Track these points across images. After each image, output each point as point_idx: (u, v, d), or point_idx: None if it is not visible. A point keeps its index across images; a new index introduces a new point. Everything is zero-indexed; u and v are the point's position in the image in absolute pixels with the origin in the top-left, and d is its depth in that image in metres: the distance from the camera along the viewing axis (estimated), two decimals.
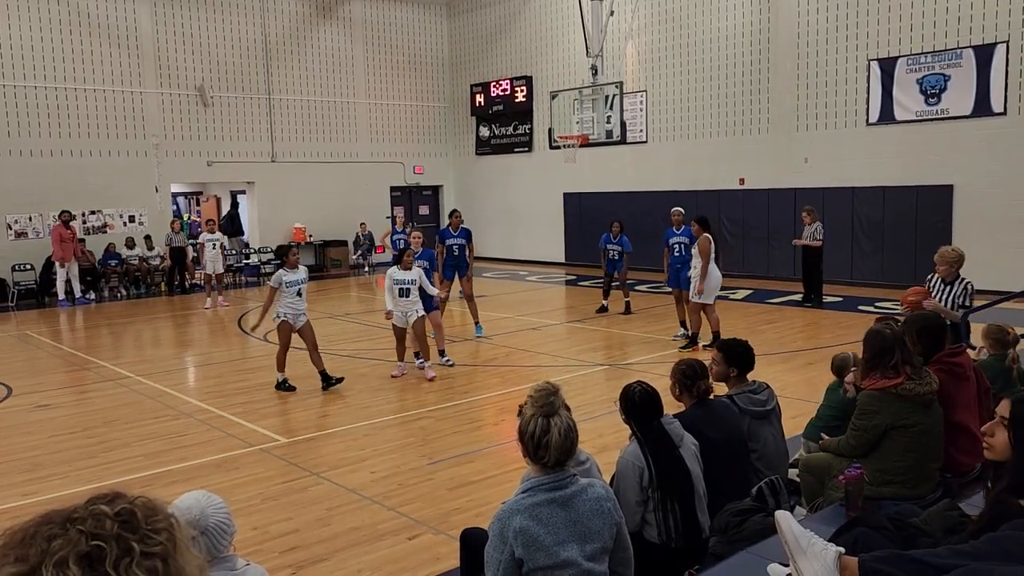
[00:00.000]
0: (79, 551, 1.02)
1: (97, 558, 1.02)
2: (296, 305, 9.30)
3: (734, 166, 18.35)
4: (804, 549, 2.81)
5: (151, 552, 1.06)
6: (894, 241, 16.05)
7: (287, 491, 6.27)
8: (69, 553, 1.01)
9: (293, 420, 8.28)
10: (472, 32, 24.47)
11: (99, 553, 1.02)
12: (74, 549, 1.02)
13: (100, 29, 18.99)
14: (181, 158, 20.24)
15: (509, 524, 2.90)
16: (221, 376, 10.60)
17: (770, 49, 17.59)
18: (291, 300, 9.26)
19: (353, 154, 23.24)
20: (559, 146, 17.85)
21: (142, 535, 1.07)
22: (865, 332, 4.43)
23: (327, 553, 5.13)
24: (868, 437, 4.21)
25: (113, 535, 1.05)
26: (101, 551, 1.03)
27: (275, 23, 21.69)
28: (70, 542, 1.02)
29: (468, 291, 12.54)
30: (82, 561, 1.01)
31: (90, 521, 1.06)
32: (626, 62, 20.18)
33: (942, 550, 2.64)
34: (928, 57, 15.24)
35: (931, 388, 4.16)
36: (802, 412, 7.18)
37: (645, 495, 3.86)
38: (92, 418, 8.48)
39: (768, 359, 9.57)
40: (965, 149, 14.94)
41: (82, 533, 1.04)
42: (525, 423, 3.00)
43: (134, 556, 1.04)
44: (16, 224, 18.09)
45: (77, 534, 1.03)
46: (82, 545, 1.02)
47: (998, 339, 5.61)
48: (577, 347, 11.69)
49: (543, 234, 22.79)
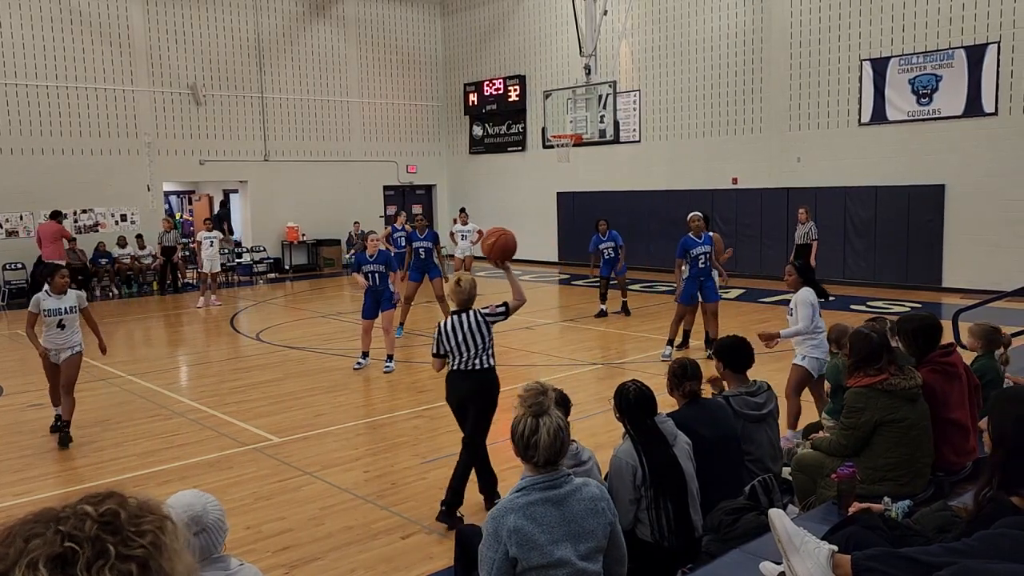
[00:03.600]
0: (51, 552, 1.00)
1: (70, 560, 1.00)
2: (55, 339, 7.38)
3: (727, 165, 18.39)
4: (797, 547, 2.82)
5: (129, 555, 1.03)
6: (886, 241, 16.10)
7: (280, 490, 6.26)
8: (41, 554, 1.00)
9: (286, 419, 8.26)
10: (465, 31, 24.45)
11: (71, 555, 1.00)
12: (47, 550, 1.00)
13: (92, 27, 18.91)
14: (173, 157, 20.17)
15: (503, 523, 2.90)
16: (214, 375, 10.57)
17: (763, 49, 17.62)
18: (50, 333, 7.38)
19: (346, 153, 23.20)
20: (552, 145, 17.86)
21: (123, 537, 1.04)
22: (850, 333, 4.46)
23: (320, 552, 5.12)
24: (858, 435, 4.23)
25: (90, 537, 1.02)
26: (74, 554, 1.01)
27: (268, 21, 21.63)
28: (45, 543, 1.01)
29: (439, 291, 12.57)
30: (52, 563, 0.99)
31: (72, 521, 1.04)
32: (619, 61, 20.20)
33: (935, 547, 2.65)
34: (920, 57, 15.30)
35: (916, 383, 4.20)
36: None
37: (638, 493, 3.87)
38: (84, 417, 8.44)
39: (760, 358, 9.56)
40: (957, 149, 15.00)
41: (59, 534, 1.02)
42: (515, 423, 3.01)
43: (109, 559, 1.02)
44: (7, 223, 18.00)
45: (54, 535, 1.02)
46: (55, 546, 1.01)
47: (989, 338, 5.63)
48: (571, 346, 11.69)
49: (537, 233, 22.76)
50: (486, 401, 5.67)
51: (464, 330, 5.59)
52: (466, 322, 5.60)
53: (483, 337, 5.61)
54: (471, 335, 5.58)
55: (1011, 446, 2.71)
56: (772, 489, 4.35)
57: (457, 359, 5.62)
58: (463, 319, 5.62)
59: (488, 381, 5.66)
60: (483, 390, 5.64)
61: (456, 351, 5.61)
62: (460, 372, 5.64)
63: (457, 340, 5.58)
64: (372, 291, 10.01)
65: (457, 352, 5.61)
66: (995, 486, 2.73)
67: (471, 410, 5.63)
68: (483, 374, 5.63)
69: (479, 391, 5.62)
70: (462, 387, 5.64)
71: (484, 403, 5.65)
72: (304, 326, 13.85)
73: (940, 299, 14.32)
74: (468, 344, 5.58)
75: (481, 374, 5.62)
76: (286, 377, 10.01)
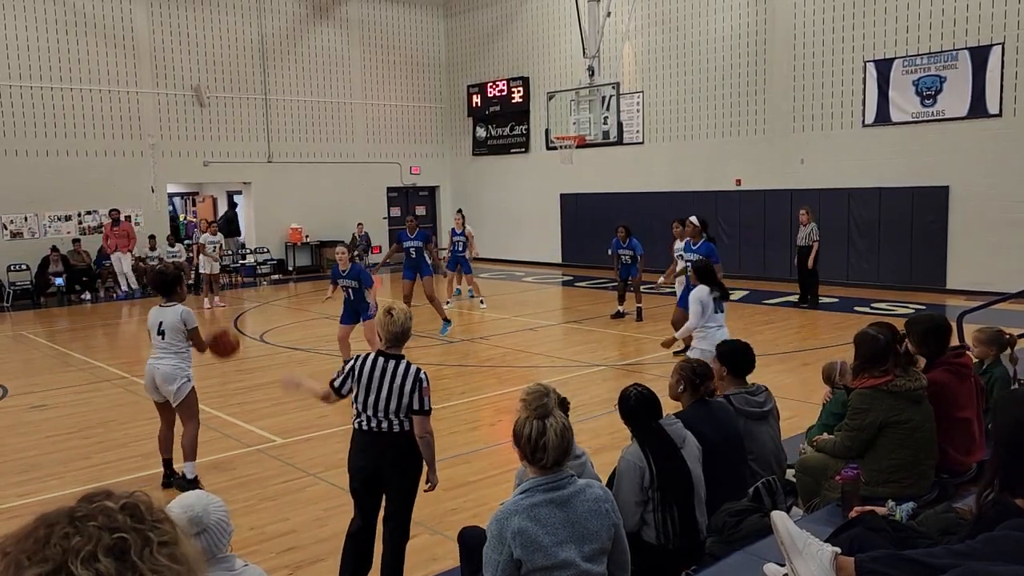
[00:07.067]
0: (105, 544, 1.05)
1: (123, 549, 1.06)
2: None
3: (730, 167, 18.38)
4: (800, 549, 2.82)
5: (164, 540, 1.11)
6: (890, 242, 16.08)
7: (284, 491, 6.27)
8: (96, 547, 1.05)
9: (290, 420, 8.27)
10: (469, 33, 24.47)
11: (123, 544, 1.06)
12: (99, 543, 1.05)
13: (96, 29, 18.95)
14: (177, 158, 20.20)
15: (507, 525, 2.90)
16: (218, 377, 10.58)
17: (766, 50, 17.62)
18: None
19: (350, 154, 23.22)
20: (556, 147, 17.85)
21: (151, 525, 1.11)
22: (856, 334, 4.45)
23: (324, 553, 5.12)
24: (863, 436, 4.23)
25: (130, 527, 1.08)
26: (125, 542, 1.07)
27: (272, 23, 21.67)
28: (92, 538, 1.06)
29: (429, 291, 12.63)
30: (111, 553, 1.05)
31: (101, 517, 1.09)
32: (623, 63, 20.20)
33: (938, 550, 2.65)
34: (924, 59, 15.28)
35: (920, 384, 4.20)
36: (797, 413, 7.21)
37: (645, 496, 3.86)
38: (88, 418, 8.47)
39: (764, 360, 9.56)
40: (961, 150, 14.98)
41: (99, 528, 1.07)
42: (520, 427, 3.01)
43: (152, 545, 1.09)
44: (12, 224, 18.04)
45: (95, 530, 1.07)
46: (105, 539, 1.06)
47: (999, 341, 5.60)
48: (574, 348, 11.69)
49: (540, 235, 22.79)
50: (407, 466, 4.38)
51: (378, 378, 4.26)
52: (388, 370, 4.28)
53: (400, 398, 4.25)
54: (388, 388, 4.24)
55: (1014, 447, 2.71)
56: (776, 491, 4.34)
57: (360, 411, 4.34)
58: (386, 366, 4.29)
59: (406, 445, 4.32)
60: (401, 453, 4.32)
61: (360, 398, 4.31)
62: (366, 433, 4.32)
63: (362, 384, 4.29)
64: (349, 302, 9.99)
65: (361, 403, 4.30)
66: (998, 488, 2.73)
67: (389, 480, 4.35)
68: (399, 437, 4.30)
69: (397, 454, 4.31)
70: (375, 450, 4.32)
71: (405, 468, 4.36)
72: (308, 327, 13.86)
73: (944, 301, 14.29)
74: (378, 396, 4.26)
75: (397, 436, 4.30)
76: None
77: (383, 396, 4.26)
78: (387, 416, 4.29)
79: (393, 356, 4.35)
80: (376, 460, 4.33)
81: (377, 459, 4.32)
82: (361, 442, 4.38)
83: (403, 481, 4.39)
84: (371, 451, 4.33)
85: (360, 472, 4.40)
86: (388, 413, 4.28)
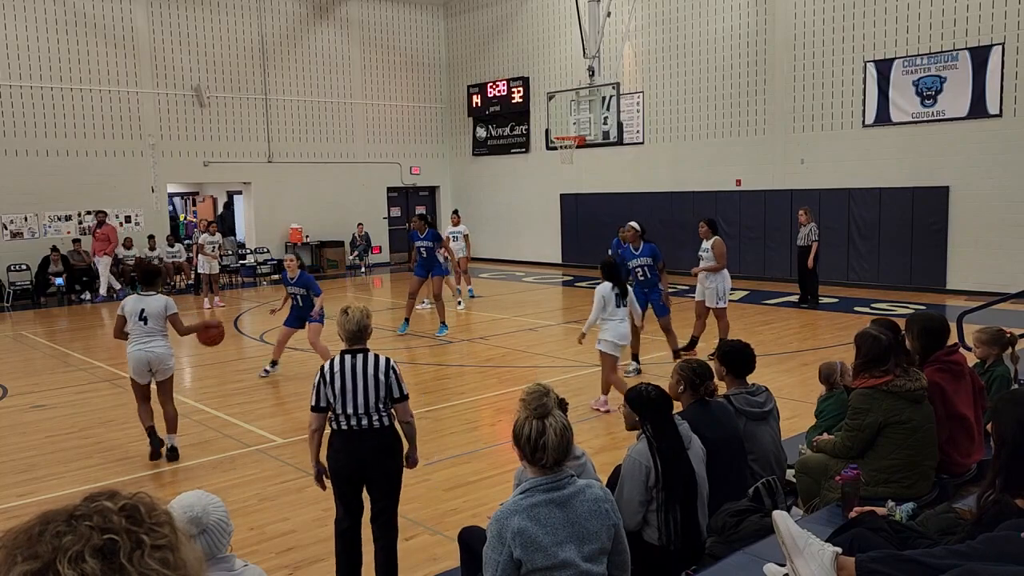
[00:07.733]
0: (93, 545, 1.05)
1: (111, 551, 1.05)
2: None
3: (730, 167, 18.37)
4: (801, 549, 2.82)
5: (159, 544, 1.09)
6: (890, 242, 16.08)
7: (284, 491, 6.26)
8: (84, 547, 1.04)
9: (290, 420, 8.27)
10: (469, 33, 24.47)
11: (112, 546, 1.05)
12: (88, 543, 1.04)
13: (96, 29, 18.96)
14: (177, 158, 20.20)
15: (507, 525, 2.90)
16: (217, 376, 10.59)
17: (766, 51, 17.61)
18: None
19: (350, 155, 23.23)
20: (556, 147, 17.86)
21: (147, 528, 1.10)
22: (857, 333, 4.44)
23: (324, 554, 5.12)
24: (863, 436, 4.23)
25: (123, 529, 1.08)
26: (114, 544, 1.06)
27: (272, 23, 21.67)
28: (82, 537, 1.05)
29: (436, 290, 12.66)
30: (97, 554, 1.04)
31: (96, 517, 1.08)
32: (623, 63, 20.20)
33: (938, 550, 2.65)
34: (924, 59, 15.27)
35: (921, 384, 4.19)
36: (797, 413, 7.21)
37: (649, 495, 3.86)
38: (88, 418, 8.47)
39: (764, 360, 9.56)
40: (961, 151, 14.98)
41: (92, 528, 1.06)
42: (519, 427, 3.01)
43: (144, 548, 1.07)
44: (12, 224, 18.05)
45: (87, 529, 1.06)
46: (95, 539, 1.05)
47: (1000, 341, 5.59)
48: (574, 348, 11.67)
49: (540, 235, 22.80)
50: (392, 461, 4.44)
51: (350, 375, 4.29)
52: (358, 365, 4.34)
53: (378, 389, 4.29)
54: (363, 382, 4.28)
55: (1014, 448, 2.71)
56: (776, 491, 4.34)
57: (339, 415, 4.33)
58: (354, 361, 4.35)
59: (389, 439, 4.38)
60: (385, 448, 4.37)
61: (337, 402, 4.30)
62: (347, 432, 4.32)
63: (336, 387, 4.30)
64: (296, 307, 9.95)
65: (340, 405, 4.30)
66: (998, 488, 2.73)
67: (374, 477, 4.40)
68: (381, 433, 4.34)
69: (381, 450, 4.35)
70: (358, 450, 4.32)
71: (389, 463, 4.43)
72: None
73: (944, 301, 14.29)
74: (355, 393, 4.28)
75: (379, 432, 4.33)
76: (289, 379, 10.02)
77: (360, 391, 4.30)
78: (367, 412, 4.32)
79: (358, 351, 4.43)
80: (360, 459, 4.35)
81: (360, 458, 4.35)
82: (341, 442, 4.38)
83: (388, 477, 4.44)
84: (354, 450, 4.35)
85: (343, 471, 4.41)
86: (368, 408, 4.31)
